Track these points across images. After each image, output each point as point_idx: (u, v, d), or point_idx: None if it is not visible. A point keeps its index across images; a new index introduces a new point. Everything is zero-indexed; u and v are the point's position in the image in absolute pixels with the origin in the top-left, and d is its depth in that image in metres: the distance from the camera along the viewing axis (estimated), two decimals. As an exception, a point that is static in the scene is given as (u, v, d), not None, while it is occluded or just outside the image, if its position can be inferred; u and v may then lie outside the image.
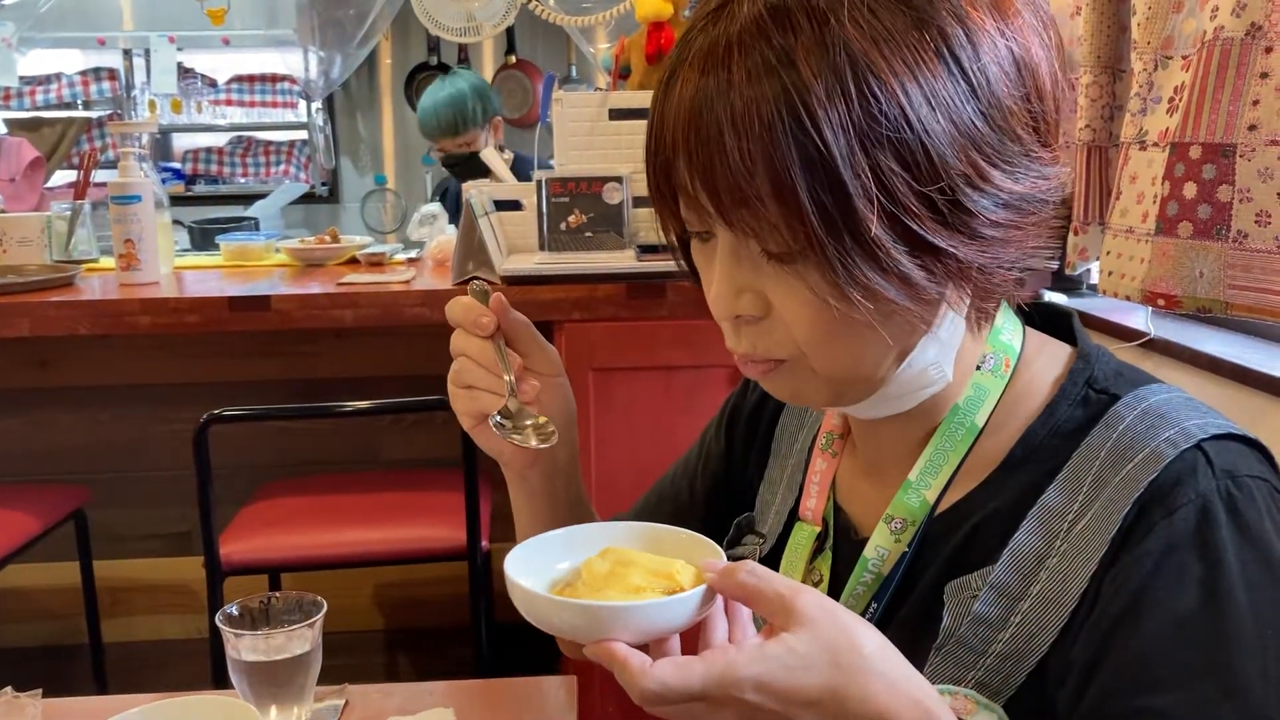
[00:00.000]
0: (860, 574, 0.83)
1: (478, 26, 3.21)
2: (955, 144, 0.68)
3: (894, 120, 0.66)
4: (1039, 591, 0.74)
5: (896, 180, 0.67)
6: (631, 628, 0.66)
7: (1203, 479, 0.71)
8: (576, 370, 2.19)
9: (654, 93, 0.74)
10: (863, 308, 0.70)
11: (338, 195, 5.62)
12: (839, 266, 0.68)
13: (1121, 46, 1.91)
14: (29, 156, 3.26)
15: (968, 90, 0.68)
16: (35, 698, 1.13)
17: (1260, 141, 1.47)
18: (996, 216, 0.70)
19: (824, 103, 0.66)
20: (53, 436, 2.78)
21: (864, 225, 0.67)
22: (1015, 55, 0.71)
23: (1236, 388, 1.63)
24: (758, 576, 0.66)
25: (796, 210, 0.67)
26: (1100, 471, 0.75)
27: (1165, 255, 1.61)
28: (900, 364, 0.76)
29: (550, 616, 0.68)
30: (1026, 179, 0.71)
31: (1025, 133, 0.71)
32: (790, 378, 0.78)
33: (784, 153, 0.66)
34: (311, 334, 2.69)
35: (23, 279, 2.38)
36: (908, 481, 0.82)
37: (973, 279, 0.73)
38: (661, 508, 1.08)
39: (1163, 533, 0.70)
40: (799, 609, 0.64)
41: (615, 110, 2.33)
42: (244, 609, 1.09)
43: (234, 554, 2.19)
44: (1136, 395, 0.78)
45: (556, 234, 2.30)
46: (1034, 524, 0.76)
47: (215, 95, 5.68)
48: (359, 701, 1.17)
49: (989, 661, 0.75)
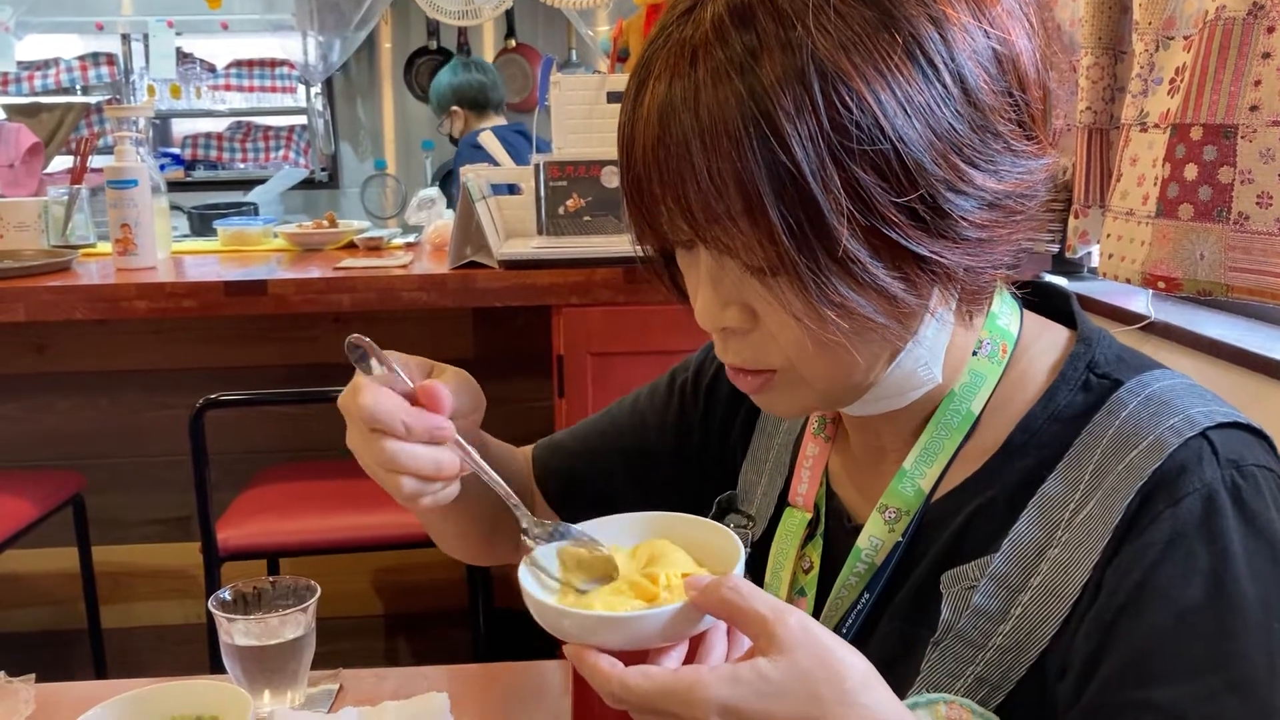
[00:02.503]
0: (853, 564, 0.82)
1: (477, 10, 3.20)
2: (933, 149, 0.65)
3: (867, 130, 0.63)
4: (1040, 583, 0.73)
5: (873, 191, 0.64)
6: (612, 637, 0.67)
7: (1208, 468, 0.70)
8: (575, 354, 2.19)
9: (624, 99, 0.72)
10: (838, 327, 0.67)
11: (337, 180, 5.61)
12: (813, 286, 0.66)
13: (1123, 27, 1.90)
14: (27, 142, 3.25)
15: (943, 92, 0.65)
16: (28, 682, 1.13)
17: (1262, 122, 1.46)
18: (980, 218, 0.68)
19: (792, 116, 0.63)
20: (50, 421, 2.78)
21: (838, 241, 0.64)
22: (994, 49, 0.67)
23: (1237, 370, 1.62)
24: (740, 594, 0.64)
25: (767, 228, 0.65)
26: (1102, 459, 0.73)
27: (1166, 237, 1.60)
28: (889, 366, 0.75)
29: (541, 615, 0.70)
30: (1011, 176, 0.69)
31: (1007, 128, 0.68)
32: (785, 392, 0.76)
33: (752, 170, 0.64)
34: (309, 319, 2.69)
35: (20, 264, 2.37)
36: (902, 470, 0.80)
37: (959, 279, 0.70)
38: (617, 444, 1.04)
39: (1167, 522, 0.69)
40: (779, 634, 0.62)
41: (613, 93, 2.32)
42: (237, 594, 1.09)
43: (231, 539, 2.19)
44: (1140, 381, 0.76)
45: (554, 218, 2.29)
46: (1034, 514, 0.75)
47: (214, 80, 5.68)
48: (353, 686, 1.16)
49: (989, 655, 0.73)
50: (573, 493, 1.03)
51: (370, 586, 2.97)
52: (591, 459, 1.04)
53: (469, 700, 1.13)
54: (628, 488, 1.01)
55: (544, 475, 1.05)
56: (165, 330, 2.72)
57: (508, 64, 5.34)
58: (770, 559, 0.89)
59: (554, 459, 1.06)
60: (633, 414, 1.05)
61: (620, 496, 0.98)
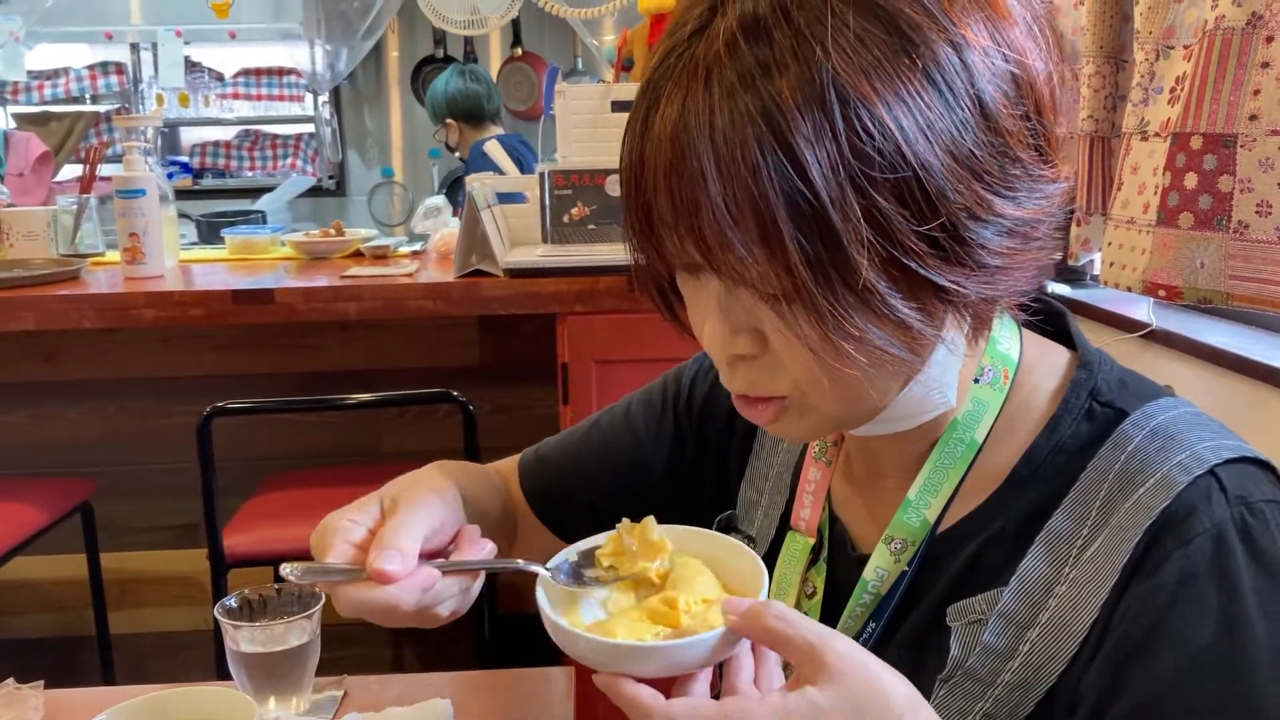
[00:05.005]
0: (860, 595, 0.81)
1: (483, 19, 3.21)
2: (955, 176, 0.63)
3: (889, 157, 0.61)
4: (1048, 619, 0.72)
5: (894, 220, 0.62)
6: (649, 665, 0.65)
7: (1217, 507, 0.69)
8: (579, 362, 2.20)
9: (630, 120, 0.69)
10: (853, 359, 0.66)
11: (345, 188, 5.63)
12: (829, 317, 0.64)
13: (1124, 36, 1.91)
14: (37, 151, 3.28)
15: (964, 118, 0.64)
16: (37, 689, 1.14)
17: (1261, 131, 1.47)
18: (1000, 246, 0.66)
19: (811, 142, 0.61)
20: (59, 429, 2.79)
21: (856, 272, 0.63)
22: (1012, 72, 0.66)
23: (1237, 378, 1.63)
24: (786, 621, 0.63)
25: (784, 258, 0.63)
26: (1109, 495, 0.73)
27: (1166, 246, 1.61)
28: (903, 389, 0.73)
29: (568, 644, 0.68)
30: (1030, 202, 0.67)
31: (1026, 154, 0.67)
32: (797, 419, 0.74)
33: (769, 198, 0.62)
34: (315, 327, 2.70)
35: (29, 273, 2.38)
36: (907, 500, 0.79)
37: (974, 306, 0.69)
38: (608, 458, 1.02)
39: (1178, 564, 0.68)
40: (829, 662, 0.62)
41: (618, 102, 2.33)
42: (243, 601, 1.10)
43: (237, 546, 2.20)
44: (1144, 413, 0.75)
45: (559, 226, 2.30)
46: (1041, 550, 0.74)
47: (222, 89, 5.70)
48: (358, 692, 1.17)
49: (997, 692, 0.73)
50: (562, 509, 1.02)
51: (376, 593, 2.98)
52: (581, 474, 1.03)
53: (473, 706, 1.13)
54: (619, 503, 0.99)
55: (533, 492, 1.04)
56: (173, 338, 2.73)
57: (513, 73, 5.36)
58: (774, 583, 0.88)
59: (543, 474, 1.05)
60: (625, 426, 1.03)
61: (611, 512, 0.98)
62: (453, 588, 0.75)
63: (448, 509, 0.80)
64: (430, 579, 0.73)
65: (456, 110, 3.95)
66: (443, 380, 2.25)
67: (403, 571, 0.72)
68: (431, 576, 0.73)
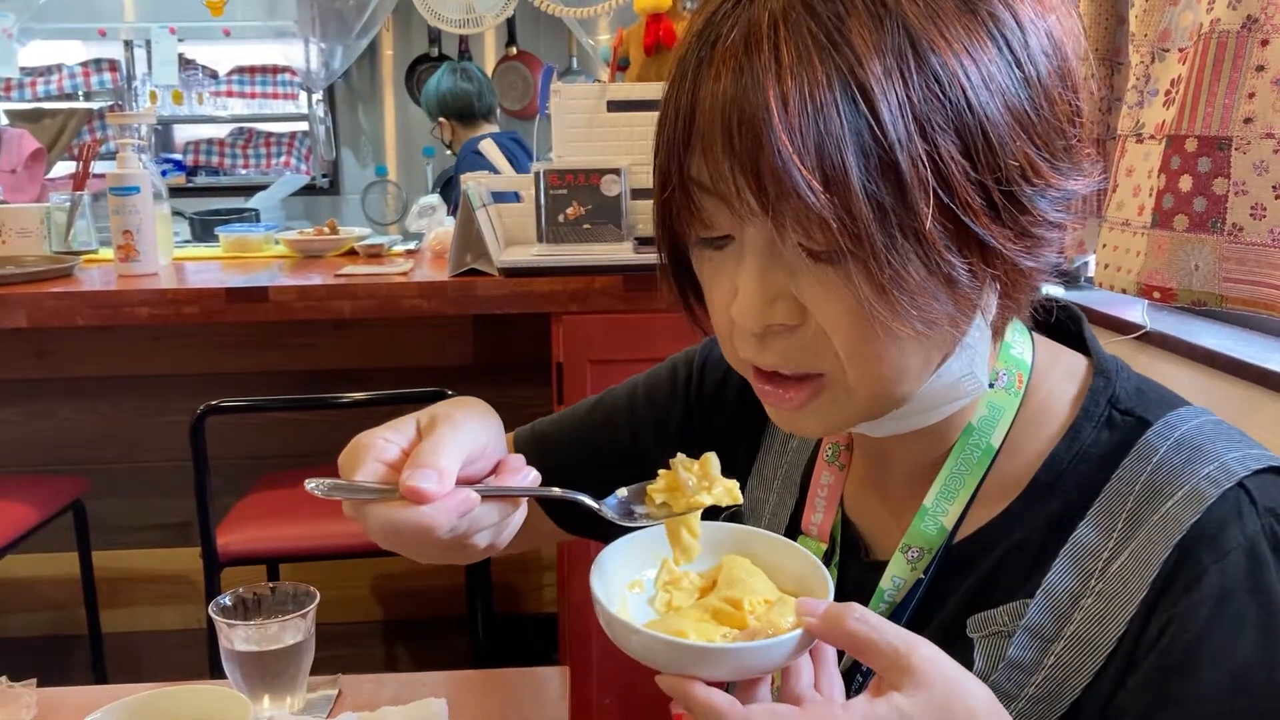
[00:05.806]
0: (875, 604, 0.79)
1: (478, 18, 3.21)
2: (1011, 131, 0.63)
3: (956, 102, 0.61)
4: (1073, 633, 0.72)
5: (954, 169, 0.62)
6: (721, 668, 0.63)
7: (1248, 520, 0.69)
8: (574, 362, 2.20)
9: (672, 86, 0.67)
10: (907, 315, 0.64)
11: (339, 187, 5.62)
12: (887, 267, 0.62)
13: (1120, 39, 1.91)
14: (30, 148, 3.26)
15: (1021, 77, 0.64)
16: (30, 687, 1.13)
17: (1256, 134, 1.47)
18: (1046, 214, 0.66)
19: (881, 81, 0.60)
20: (51, 427, 2.79)
21: (919, 219, 0.61)
22: (1056, 44, 0.67)
23: (1232, 380, 1.63)
24: (870, 625, 0.62)
25: (846, 201, 0.61)
26: (1135, 508, 0.72)
27: (1161, 248, 1.61)
28: (939, 368, 0.71)
29: (631, 643, 0.64)
30: (1072, 175, 0.67)
31: (1069, 125, 0.67)
32: (828, 406, 0.71)
33: (838, 135, 0.60)
34: (309, 326, 2.69)
35: (22, 270, 2.38)
36: (924, 508, 0.78)
37: (1001, 283, 0.68)
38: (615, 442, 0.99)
39: (1215, 579, 0.68)
40: (915, 667, 0.61)
41: (613, 102, 2.33)
42: (237, 599, 1.10)
43: (231, 544, 2.20)
44: (1167, 423, 0.75)
45: (554, 226, 2.30)
46: (1066, 563, 0.73)
47: (216, 87, 5.70)
48: (352, 691, 1.17)
49: (1021, 705, 0.72)
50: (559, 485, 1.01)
51: (370, 592, 2.98)
52: (583, 453, 1.01)
53: (468, 706, 1.13)
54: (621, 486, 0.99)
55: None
56: (166, 336, 2.73)
57: (508, 71, 5.36)
58: None
59: (542, 450, 1.02)
60: (630, 411, 1.01)
61: None
62: (492, 515, 0.70)
63: (490, 434, 0.74)
64: (469, 502, 0.68)
65: (448, 109, 3.96)
66: (437, 379, 2.24)
67: (439, 491, 0.67)
68: (470, 500, 0.68)
